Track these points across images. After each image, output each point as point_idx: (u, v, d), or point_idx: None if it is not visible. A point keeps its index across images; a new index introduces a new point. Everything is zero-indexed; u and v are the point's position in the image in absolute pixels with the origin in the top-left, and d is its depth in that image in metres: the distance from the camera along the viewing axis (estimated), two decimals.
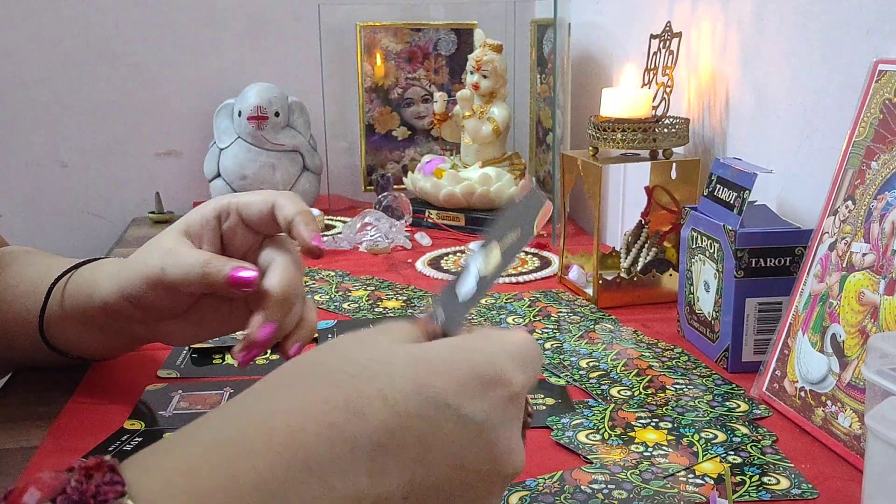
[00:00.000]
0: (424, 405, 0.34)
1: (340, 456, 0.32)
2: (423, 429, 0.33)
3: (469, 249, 0.46)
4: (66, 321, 0.66)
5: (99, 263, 0.67)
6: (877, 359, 0.44)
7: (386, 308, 0.94)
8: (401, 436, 0.33)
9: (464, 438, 0.34)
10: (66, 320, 0.66)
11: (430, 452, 0.33)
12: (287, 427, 0.32)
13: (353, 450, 0.32)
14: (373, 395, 0.33)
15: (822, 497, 0.54)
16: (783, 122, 0.84)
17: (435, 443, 0.33)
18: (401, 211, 1.29)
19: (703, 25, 0.98)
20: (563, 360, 0.77)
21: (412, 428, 0.33)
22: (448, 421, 0.34)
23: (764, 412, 0.66)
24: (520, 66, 1.51)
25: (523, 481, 0.56)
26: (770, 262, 0.73)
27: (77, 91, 1.53)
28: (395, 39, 1.49)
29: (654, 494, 0.54)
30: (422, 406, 0.33)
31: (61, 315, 0.66)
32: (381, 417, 0.33)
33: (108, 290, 0.62)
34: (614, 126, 0.92)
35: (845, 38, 0.74)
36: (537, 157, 1.42)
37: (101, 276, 0.64)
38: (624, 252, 0.99)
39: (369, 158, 1.52)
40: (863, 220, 0.61)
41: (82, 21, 1.51)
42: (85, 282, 0.65)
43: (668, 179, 0.96)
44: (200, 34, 1.55)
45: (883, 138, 0.61)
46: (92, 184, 1.58)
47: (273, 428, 0.32)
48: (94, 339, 0.67)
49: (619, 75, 1.19)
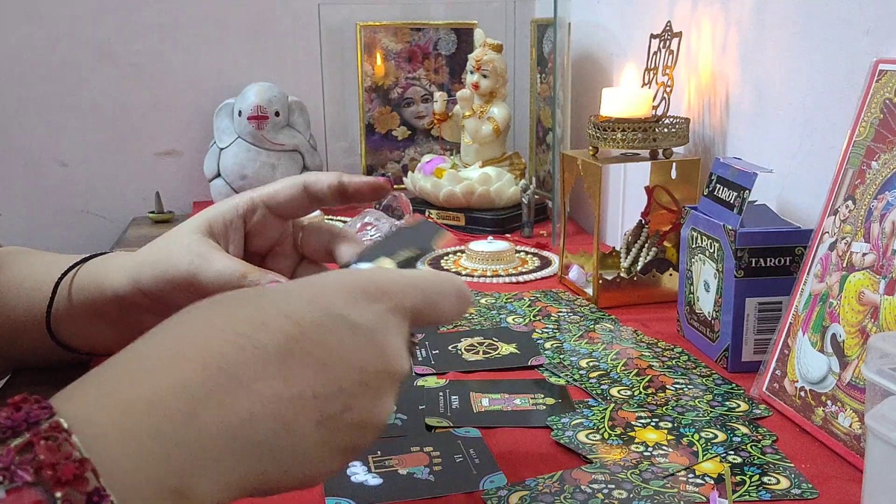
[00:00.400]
0: (320, 315, 0.38)
1: (253, 360, 0.35)
2: (321, 335, 0.37)
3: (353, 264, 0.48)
4: (75, 315, 0.65)
5: (107, 257, 0.67)
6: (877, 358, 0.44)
7: None
8: (303, 342, 0.36)
9: (357, 342, 0.38)
10: (75, 314, 0.65)
11: (331, 356, 0.37)
12: (198, 339, 0.35)
13: (263, 355, 0.35)
14: (273, 312, 0.37)
15: (822, 497, 0.54)
16: (783, 121, 0.84)
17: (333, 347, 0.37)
18: (401, 211, 1.29)
19: (703, 25, 0.98)
20: (563, 360, 0.77)
21: (312, 335, 0.37)
22: (341, 328, 0.38)
23: (764, 412, 0.66)
24: (520, 65, 1.51)
25: (523, 481, 0.56)
26: (770, 262, 0.73)
27: (77, 91, 1.53)
28: (395, 39, 1.48)
29: (654, 494, 0.54)
30: (317, 316, 0.37)
31: (69, 309, 0.65)
32: (284, 328, 0.36)
33: (120, 283, 0.62)
34: (614, 126, 0.92)
35: (845, 38, 0.73)
36: (537, 156, 1.42)
37: (113, 269, 0.64)
38: (624, 252, 0.99)
39: (369, 158, 1.52)
40: (863, 220, 0.61)
41: (82, 21, 1.51)
42: (95, 275, 0.65)
43: (668, 179, 0.96)
44: (200, 34, 1.55)
45: (883, 138, 0.61)
46: (92, 183, 1.58)
47: (185, 341, 0.35)
48: (103, 332, 0.66)
49: (619, 75, 1.19)
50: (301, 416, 0.36)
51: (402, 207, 1.30)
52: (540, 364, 0.76)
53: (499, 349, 0.80)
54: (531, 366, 0.76)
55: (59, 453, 0.27)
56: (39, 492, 0.26)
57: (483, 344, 0.81)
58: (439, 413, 0.66)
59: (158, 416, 0.32)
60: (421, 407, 0.68)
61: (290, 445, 0.35)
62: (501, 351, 0.79)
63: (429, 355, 0.79)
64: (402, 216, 1.28)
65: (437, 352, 0.79)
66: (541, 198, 1.35)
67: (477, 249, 1.09)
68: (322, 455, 0.37)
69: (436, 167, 1.33)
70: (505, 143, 1.36)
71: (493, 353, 0.79)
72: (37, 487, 0.26)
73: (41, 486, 0.26)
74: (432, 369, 0.75)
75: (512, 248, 1.10)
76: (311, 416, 0.36)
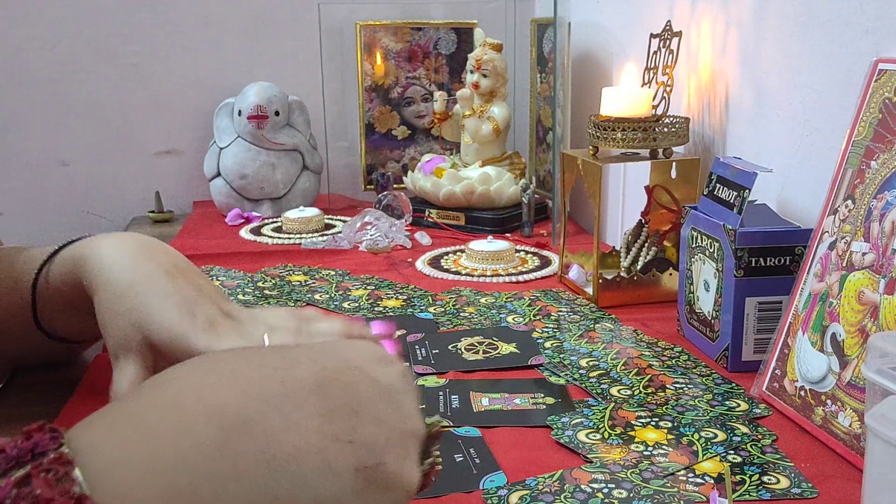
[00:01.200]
0: (342, 365, 0.38)
1: (292, 392, 0.34)
2: (348, 382, 0.37)
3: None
4: (56, 306, 0.65)
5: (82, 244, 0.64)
6: (877, 358, 0.44)
7: (386, 307, 0.94)
8: (333, 385, 0.36)
9: (377, 396, 0.38)
10: (56, 305, 0.65)
11: (360, 403, 0.37)
12: (234, 369, 0.34)
13: (302, 388, 0.35)
14: (301, 357, 0.37)
15: (822, 496, 0.54)
16: (783, 121, 0.84)
17: (360, 394, 0.37)
18: (401, 210, 1.30)
19: (703, 25, 0.98)
20: (562, 360, 0.77)
21: (339, 381, 0.37)
22: (363, 382, 0.38)
23: (764, 411, 0.66)
24: (520, 65, 1.51)
25: (523, 480, 0.56)
26: (770, 262, 0.73)
27: (77, 91, 1.53)
28: (395, 38, 1.48)
29: (653, 494, 0.54)
30: (341, 367, 0.38)
31: (49, 301, 0.65)
32: (313, 370, 0.36)
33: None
34: (614, 125, 0.92)
35: (845, 37, 0.73)
36: (537, 156, 1.42)
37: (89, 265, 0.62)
38: (624, 251, 0.99)
39: (369, 157, 1.52)
40: (862, 220, 0.61)
41: (82, 21, 1.51)
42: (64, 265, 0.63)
43: (668, 179, 0.96)
44: (200, 34, 1.55)
45: (882, 137, 0.61)
46: (92, 183, 1.58)
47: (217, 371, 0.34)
48: (84, 321, 0.65)
49: (619, 74, 1.19)
50: (341, 458, 0.34)
51: (402, 207, 1.30)
52: (540, 363, 0.77)
53: (499, 349, 0.80)
54: (531, 365, 0.76)
55: (57, 489, 0.26)
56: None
57: (483, 343, 0.81)
58: (439, 413, 0.66)
59: (186, 444, 0.29)
60: (421, 406, 0.67)
61: (331, 493, 0.33)
62: (501, 350, 0.80)
63: (429, 355, 0.79)
64: (401, 215, 1.28)
65: (437, 351, 0.79)
66: (541, 197, 1.35)
67: (477, 249, 1.09)
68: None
69: (436, 167, 1.33)
70: (505, 143, 1.36)
71: (493, 352, 0.79)
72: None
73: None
74: (432, 369, 0.75)
75: (512, 247, 1.10)
76: (350, 460, 0.35)
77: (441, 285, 1.02)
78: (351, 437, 0.35)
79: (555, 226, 1.23)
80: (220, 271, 1.08)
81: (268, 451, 0.31)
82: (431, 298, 0.96)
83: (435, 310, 0.92)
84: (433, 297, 0.97)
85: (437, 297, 0.97)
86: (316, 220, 1.30)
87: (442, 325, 0.88)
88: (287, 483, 0.31)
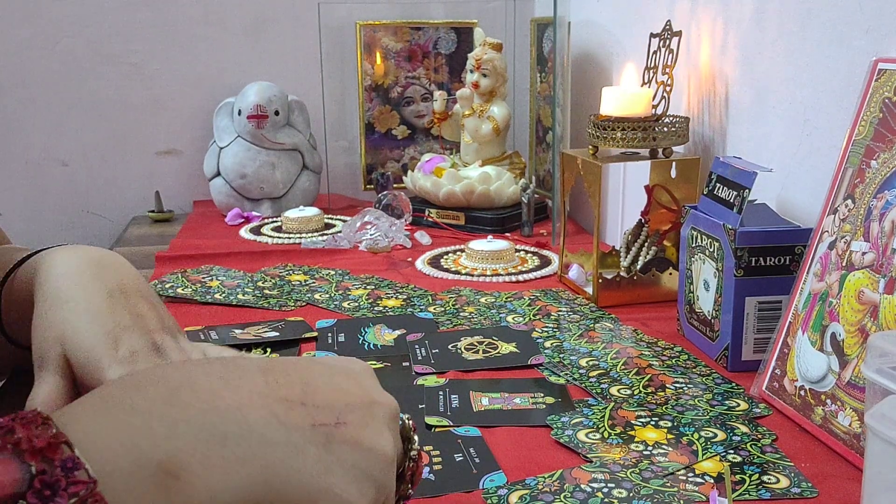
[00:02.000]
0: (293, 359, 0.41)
1: (235, 367, 0.37)
2: (297, 365, 0.39)
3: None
4: (17, 311, 0.63)
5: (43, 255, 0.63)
6: (876, 357, 0.44)
7: (385, 307, 0.94)
8: (280, 367, 0.39)
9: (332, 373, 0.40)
10: (19, 315, 0.63)
11: (311, 378, 0.39)
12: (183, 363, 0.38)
13: (244, 367, 0.37)
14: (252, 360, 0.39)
15: (822, 496, 0.54)
16: (783, 120, 0.84)
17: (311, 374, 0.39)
18: (401, 210, 1.30)
19: (702, 24, 0.98)
20: (562, 359, 0.77)
21: (287, 364, 0.39)
22: (315, 365, 0.40)
23: (764, 411, 0.66)
24: (520, 64, 1.51)
25: (523, 480, 0.56)
26: (770, 261, 0.73)
27: (77, 91, 1.53)
28: (395, 38, 1.48)
29: (653, 493, 0.54)
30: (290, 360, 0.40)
31: (13, 304, 0.63)
32: (259, 362, 0.39)
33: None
34: (614, 125, 0.92)
35: (845, 37, 0.73)
36: (537, 155, 1.42)
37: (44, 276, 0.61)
38: (624, 251, 0.99)
39: (369, 157, 1.52)
40: (862, 219, 0.61)
41: (82, 21, 1.51)
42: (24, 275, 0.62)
43: (668, 178, 0.96)
44: (200, 34, 1.55)
45: (882, 137, 0.61)
46: (92, 183, 1.58)
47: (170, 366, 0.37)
48: None
49: (618, 74, 1.19)
50: (293, 415, 0.36)
51: (401, 206, 1.30)
52: (540, 363, 0.77)
53: (499, 348, 0.80)
54: (531, 365, 0.76)
55: (35, 430, 0.29)
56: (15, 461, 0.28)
57: (483, 343, 0.81)
58: (439, 412, 0.66)
59: (135, 396, 0.33)
60: (421, 406, 0.68)
61: (287, 442, 0.35)
62: (501, 350, 0.80)
63: (429, 354, 0.79)
64: (401, 215, 1.28)
65: (437, 351, 0.79)
66: (540, 197, 1.35)
67: (477, 248, 1.09)
68: (327, 469, 0.36)
69: (435, 166, 1.33)
70: (505, 143, 1.36)
71: (493, 352, 0.79)
72: (13, 458, 0.28)
73: (17, 458, 0.28)
74: (432, 368, 0.75)
75: (512, 247, 1.10)
76: (304, 418, 0.36)
77: (441, 285, 1.02)
78: (303, 399, 0.37)
79: (555, 225, 1.23)
80: (219, 271, 1.08)
81: (212, 403, 0.34)
82: (431, 298, 0.96)
83: (435, 309, 0.92)
84: (433, 297, 0.97)
85: (437, 297, 0.97)
86: (316, 219, 1.30)
87: (442, 324, 0.88)
88: (234, 427, 0.34)
